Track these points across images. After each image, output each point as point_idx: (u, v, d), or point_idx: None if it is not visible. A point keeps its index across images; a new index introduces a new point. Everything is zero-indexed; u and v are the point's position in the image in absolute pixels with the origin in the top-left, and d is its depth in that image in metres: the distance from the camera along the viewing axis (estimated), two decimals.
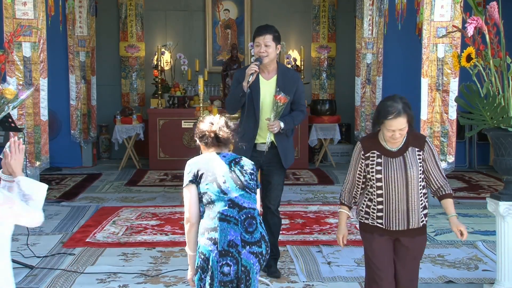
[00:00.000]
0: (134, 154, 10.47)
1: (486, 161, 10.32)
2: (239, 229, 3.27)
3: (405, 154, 3.56)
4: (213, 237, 3.24)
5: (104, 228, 6.47)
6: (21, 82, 7.07)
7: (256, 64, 4.75)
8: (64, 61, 9.91)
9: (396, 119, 3.44)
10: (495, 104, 4.29)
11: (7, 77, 6.81)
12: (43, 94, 7.23)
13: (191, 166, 3.44)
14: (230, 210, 3.28)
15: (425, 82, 6.90)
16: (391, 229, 3.57)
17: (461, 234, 3.59)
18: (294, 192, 8.38)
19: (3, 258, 2.61)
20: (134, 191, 8.55)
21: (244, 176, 3.37)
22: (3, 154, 2.78)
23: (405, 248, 3.60)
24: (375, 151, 3.59)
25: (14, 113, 6.85)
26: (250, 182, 3.39)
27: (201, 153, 3.58)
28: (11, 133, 3.13)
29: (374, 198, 3.60)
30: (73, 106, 10.02)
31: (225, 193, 3.30)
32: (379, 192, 3.57)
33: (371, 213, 3.64)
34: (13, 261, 5.26)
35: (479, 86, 4.43)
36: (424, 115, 6.92)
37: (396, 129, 3.46)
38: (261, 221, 3.41)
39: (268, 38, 4.83)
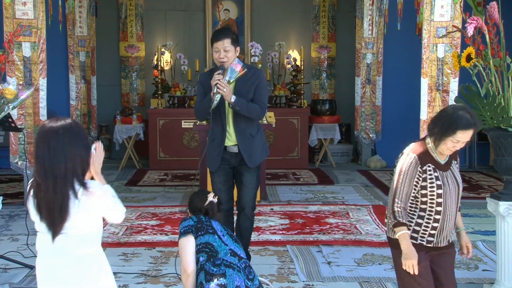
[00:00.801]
0: (134, 154, 10.47)
1: (486, 161, 10.32)
2: (242, 276, 3.44)
3: (451, 167, 3.44)
4: (223, 283, 3.38)
5: (104, 228, 6.44)
6: (21, 82, 7.07)
7: (219, 73, 4.62)
8: (64, 61, 9.90)
9: (470, 130, 3.29)
10: (495, 104, 4.30)
11: (7, 77, 6.81)
12: (42, 94, 7.23)
13: (190, 222, 3.64)
14: (232, 258, 3.48)
15: (425, 82, 6.89)
16: (439, 245, 3.42)
17: (468, 251, 3.54)
18: (294, 192, 8.38)
19: (97, 244, 2.83)
20: (134, 191, 8.55)
21: (234, 235, 3.71)
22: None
23: (445, 261, 3.47)
24: (430, 164, 3.38)
25: (14, 113, 6.85)
26: (238, 240, 3.72)
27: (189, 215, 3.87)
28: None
29: (430, 215, 3.38)
30: (73, 106, 10.02)
31: (225, 244, 3.53)
32: (438, 208, 3.36)
33: (421, 232, 3.40)
34: (13, 261, 5.29)
35: (479, 86, 4.43)
36: (424, 115, 6.92)
37: (462, 141, 3.31)
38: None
39: (227, 43, 4.65)
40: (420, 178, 3.36)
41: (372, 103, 10.48)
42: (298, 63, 10.71)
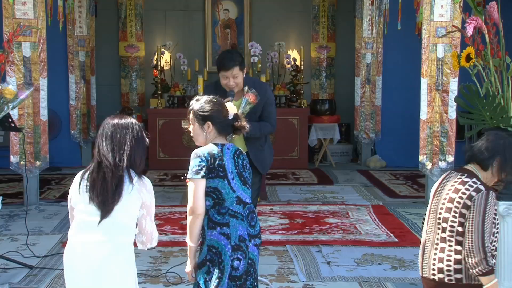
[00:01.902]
0: None
1: None
2: (245, 224, 3.40)
3: None
4: (226, 232, 3.34)
5: None
6: (20, 82, 7.07)
7: (229, 100, 4.35)
8: (64, 61, 9.91)
9: None
10: (494, 104, 4.30)
11: (7, 77, 6.81)
12: (43, 94, 7.23)
13: (203, 160, 3.37)
14: (237, 206, 3.40)
15: (424, 82, 6.90)
16: None
17: None
18: (294, 192, 8.39)
19: (133, 236, 3.11)
20: None
21: (245, 172, 3.48)
22: None
23: None
24: None
25: (15, 113, 6.86)
26: (249, 177, 3.52)
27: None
28: None
29: (494, 256, 3.19)
30: (73, 106, 10.03)
31: (233, 190, 3.40)
32: (495, 253, 3.18)
33: None
34: (13, 261, 5.29)
35: (478, 86, 4.43)
36: (423, 115, 6.93)
37: None
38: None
39: (236, 71, 4.63)
40: (496, 217, 3.15)
41: (371, 103, 10.49)
42: (297, 63, 10.71)
